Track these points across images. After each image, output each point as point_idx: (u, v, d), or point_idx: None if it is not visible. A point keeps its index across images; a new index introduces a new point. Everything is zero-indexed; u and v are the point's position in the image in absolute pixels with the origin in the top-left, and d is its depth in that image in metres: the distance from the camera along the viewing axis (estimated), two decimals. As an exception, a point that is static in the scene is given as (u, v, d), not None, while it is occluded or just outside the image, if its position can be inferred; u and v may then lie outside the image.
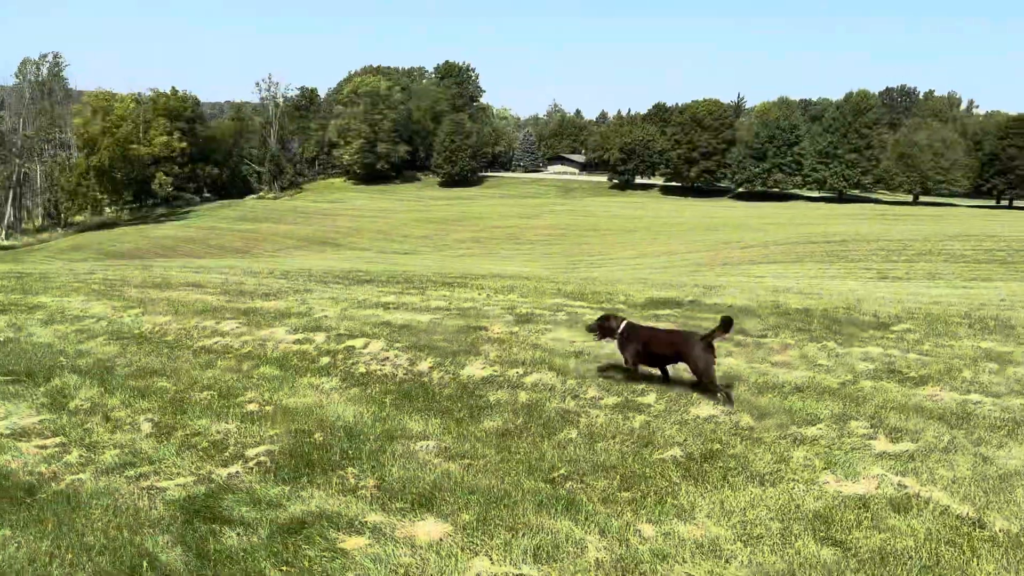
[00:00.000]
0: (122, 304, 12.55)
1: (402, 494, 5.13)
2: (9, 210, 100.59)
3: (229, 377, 7.91)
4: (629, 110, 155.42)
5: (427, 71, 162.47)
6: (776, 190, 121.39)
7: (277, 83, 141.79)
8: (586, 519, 4.68)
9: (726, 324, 6.79)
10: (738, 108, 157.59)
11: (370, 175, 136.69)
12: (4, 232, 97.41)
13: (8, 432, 6.47)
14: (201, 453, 5.90)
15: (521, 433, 6.20)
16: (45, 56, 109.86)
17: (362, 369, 8.11)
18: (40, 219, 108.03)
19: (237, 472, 5.54)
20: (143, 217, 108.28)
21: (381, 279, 17.42)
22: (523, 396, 7.12)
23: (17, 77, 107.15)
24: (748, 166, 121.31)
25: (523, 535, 4.51)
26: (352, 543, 4.48)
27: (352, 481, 5.36)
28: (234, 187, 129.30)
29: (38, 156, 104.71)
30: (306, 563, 4.29)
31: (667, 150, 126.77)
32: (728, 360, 8.21)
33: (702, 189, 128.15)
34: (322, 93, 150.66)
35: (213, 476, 5.46)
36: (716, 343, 6.92)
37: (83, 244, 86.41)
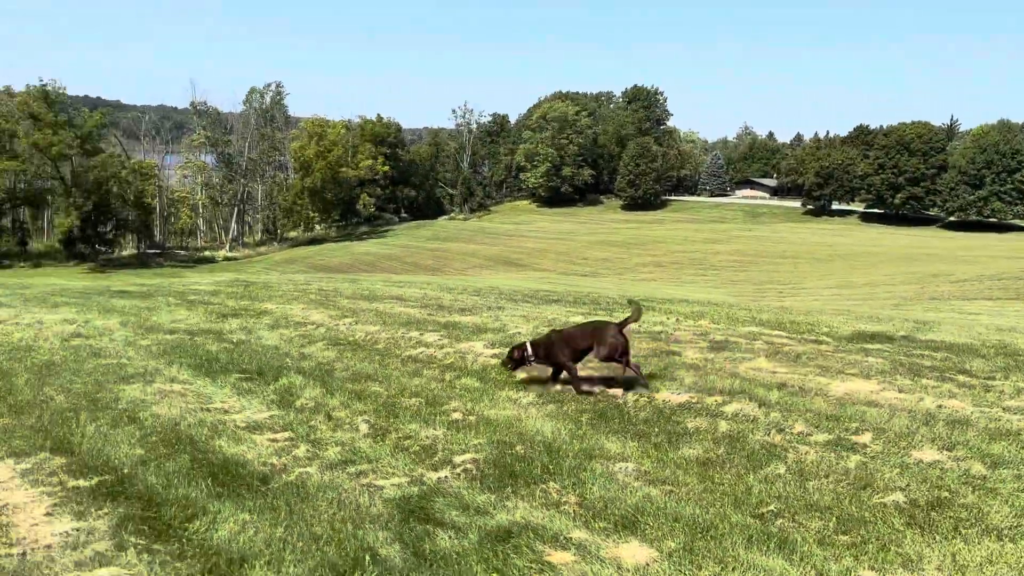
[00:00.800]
0: (337, 313, 13.56)
1: (604, 514, 5.14)
2: (234, 225, 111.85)
3: (434, 386, 8.32)
4: (828, 132, 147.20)
5: (615, 95, 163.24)
6: (993, 220, 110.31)
7: (471, 110, 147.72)
8: (801, 560, 4.46)
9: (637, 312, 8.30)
10: (951, 131, 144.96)
11: (554, 198, 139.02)
12: (229, 245, 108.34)
13: (244, 425, 7.17)
14: (413, 456, 6.24)
15: (724, 464, 6.02)
16: (269, 85, 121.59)
17: (557, 387, 8.23)
18: (259, 234, 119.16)
19: (446, 477, 5.80)
20: (348, 234, 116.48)
21: (568, 299, 17.62)
22: (723, 426, 6.91)
23: (244, 105, 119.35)
24: (961, 193, 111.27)
25: (733, 570, 4.37)
26: (558, 558, 4.55)
27: (555, 496, 5.45)
28: (428, 208, 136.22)
29: (260, 176, 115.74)
30: (515, 572, 4.40)
31: (869, 175, 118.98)
32: (952, 402, 7.54)
33: (907, 217, 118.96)
34: (512, 119, 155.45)
35: (424, 479, 5.76)
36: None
37: (295, 258, 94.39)
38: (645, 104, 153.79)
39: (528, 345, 8.21)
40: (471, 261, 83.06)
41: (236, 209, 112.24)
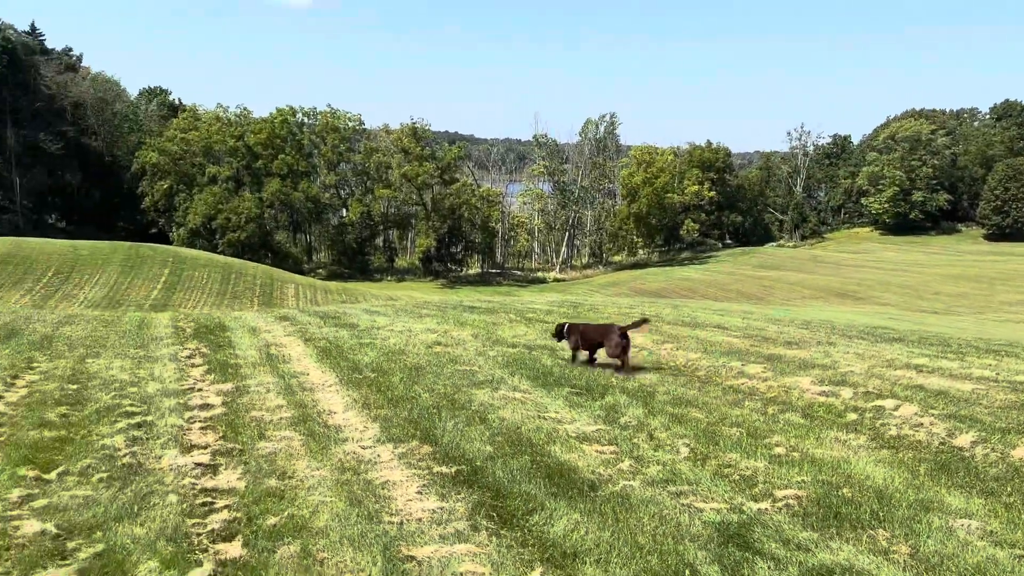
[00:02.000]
0: (659, 338, 13.99)
1: (939, 569, 4.85)
2: (564, 249, 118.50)
3: (756, 418, 8.31)
4: None
5: (980, 112, 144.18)
6: None
7: (808, 132, 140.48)
8: None
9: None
10: None
11: (900, 225, 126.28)
12: (559, 267, 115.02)
13: (575, 435, 7.83)
14: (732, 484, 6.37)
15: (1096, 537, 5.28)
16: (603, 116, 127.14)
17: (892, 432, 7.75)
18: (586, 257, 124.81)
19: (766, 509, 5.85)
20: (669, 259, 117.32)
21: (911, 339, 16.13)
22: (1100, 495, 6.02)
23: (580, 135, 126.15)
24: None
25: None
26: (883, 605, 4.42)
27: (883, 543, 5.25)
28: (754, 234, 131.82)
29: (590, 203, 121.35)
30: (835, 611, 4.37)
31: None
32: None
33: None
34: (855, 139, 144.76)
35: (744, 508, 5.87)
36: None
37: (618, 281, 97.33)
38: (1019, 121, 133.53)
39: (566, 326, 11.56)
40: (799, 291, 78.75)
41: (567, 234, 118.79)
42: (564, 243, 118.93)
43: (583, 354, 11.39)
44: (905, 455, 7.08)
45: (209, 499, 5.93)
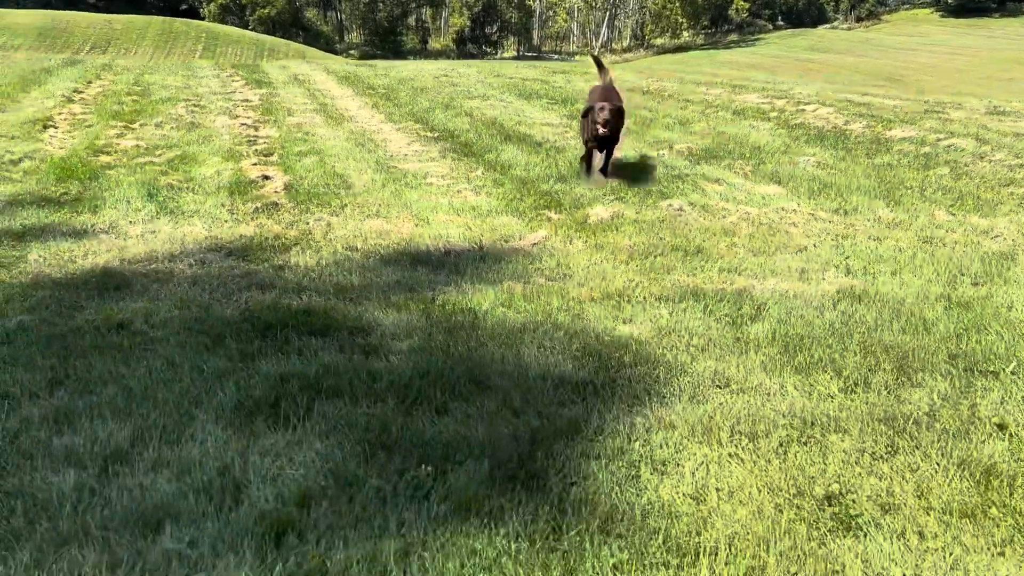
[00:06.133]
0: (650, 79, 15.44)
1: (759, 174, 6.82)
2: (604, 30, 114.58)
3: (691, 115, 10.15)
4: None
5: None
6: None
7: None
8: None
9: None
10: None
11: (963, 7, 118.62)
12: (597, 49, 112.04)
13: (539, 122, 9.71)
14: (647, 144, 8.30)
15: None
16: None
17: (797, 120, 9.51)
18: (627, 40, 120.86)
19: (664, 154, 7.79)
20: (714, 43, 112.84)
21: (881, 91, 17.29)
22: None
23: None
24: None
25: None
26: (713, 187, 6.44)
27: (738, 166, 7.22)
28: (808, 15, 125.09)
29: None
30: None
31: None
32: None
33: None
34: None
35: (648, 154, 7.83)
36: None
37: (654, 67, 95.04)
38: None
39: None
40: (845, 75, 76.65)
41: (608, 13, 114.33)
42: (604, 23, 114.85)
43: None
44: (796, 132, 8.90)
45: (252, 139, 8.10)
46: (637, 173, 6.92)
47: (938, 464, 2.57)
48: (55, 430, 2.70)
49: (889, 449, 2.68)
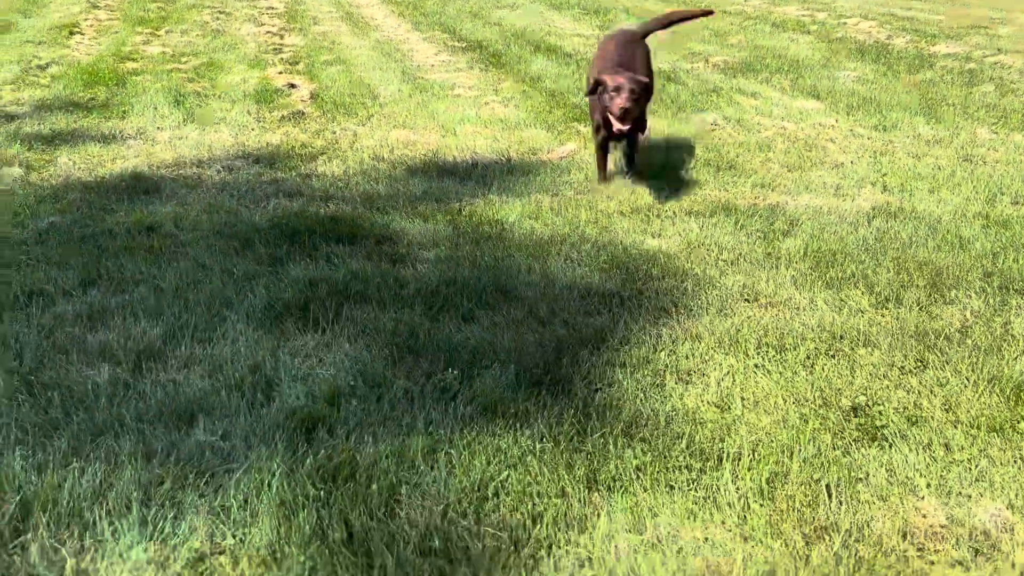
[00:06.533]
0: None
1: (799, 88, 6.61)
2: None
3: (728, 27, 9.74)
4: None
5: None
6: None
7: None
8: None
9: None
10: None
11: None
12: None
13: (570, 33, 9.41)
14: (682, 56, 8.04)
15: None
16: None
17: (839, 34, 9.15)
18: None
19: (699, 67, 7.56)
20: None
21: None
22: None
23: None
24: None
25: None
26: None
27: (775, 81, 6.99)
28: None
29: None
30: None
31: None
32: None
33: None
34: None
35: (680, 66, 7.59)
36: None
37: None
38: None
39: None
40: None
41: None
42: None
43: None
44: (836, 46, 8.57)
45: (277, 47, 7.97)
46: (668, 87, 6.74)
47: (968, 379, 2.55)
48: (89, 327, 2.75)
49: (919, 364, 2.66)
